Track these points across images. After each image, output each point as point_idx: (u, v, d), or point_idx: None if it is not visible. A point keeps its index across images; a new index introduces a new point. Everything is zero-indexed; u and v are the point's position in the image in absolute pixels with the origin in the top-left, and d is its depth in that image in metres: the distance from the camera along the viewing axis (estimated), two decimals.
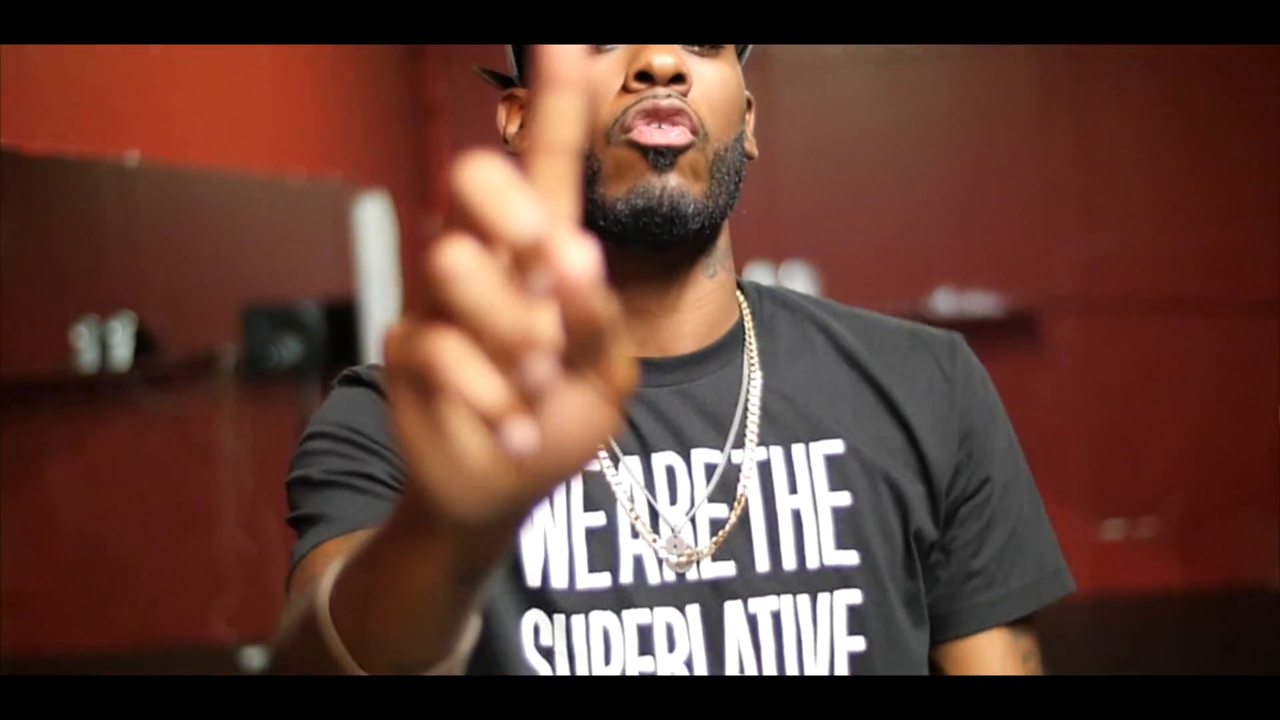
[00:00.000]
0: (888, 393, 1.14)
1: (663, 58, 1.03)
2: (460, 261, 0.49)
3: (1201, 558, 5.44)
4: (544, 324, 0.49)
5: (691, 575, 1.06)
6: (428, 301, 0.50)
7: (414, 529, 0.57)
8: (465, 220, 0.50)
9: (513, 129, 1.16)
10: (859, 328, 1.18)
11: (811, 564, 1.07)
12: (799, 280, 5.06)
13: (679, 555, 1.06)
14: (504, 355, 0.50)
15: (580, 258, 0.49)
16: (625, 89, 1.04)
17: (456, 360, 0.50)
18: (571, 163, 0.53)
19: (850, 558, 1.08)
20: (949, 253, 5.41)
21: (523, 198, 0.50)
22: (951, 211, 5.43)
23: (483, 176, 0.50)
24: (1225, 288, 5.32)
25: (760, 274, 4.89)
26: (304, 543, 1.00)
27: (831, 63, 5.50)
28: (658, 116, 1.02)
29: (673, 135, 1.02)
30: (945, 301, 5.31)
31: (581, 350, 0.51)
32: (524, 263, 0.49)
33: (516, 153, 1.14)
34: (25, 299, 5.56)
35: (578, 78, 0.52)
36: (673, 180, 1.02)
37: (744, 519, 1.08)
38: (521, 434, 0.50)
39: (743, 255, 5.29)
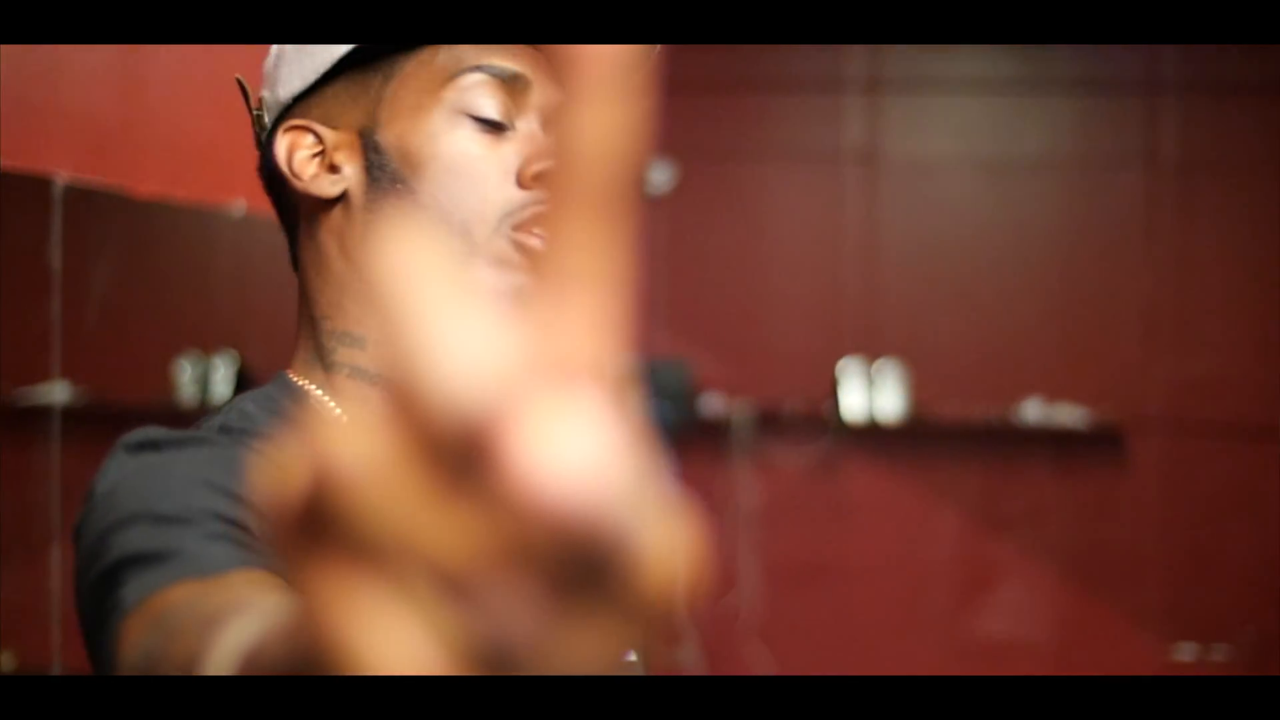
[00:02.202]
0: None
1: None
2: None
3: None
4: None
5: None
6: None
7: None
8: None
9: (305, 161, 1.02)
10: None
11: None
12: (890, 378, 5.07)
13: None
14: None
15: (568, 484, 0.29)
16: (520, 183, 0.96)
17: None
18: (627, 229, 0.32)
19: None
20: (1042, 362, 5.41)
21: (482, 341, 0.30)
22: (1048, 321, 5.43)
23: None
24: None
25: (853, 370, 4.91)
26: (146, 580, 0.78)
27: (938, 164, 5.53)
28: None
29: None
30: (1034, 411, 5.29)
31: (586, 574, 0.30)
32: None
33: (309, 193, 1.02)
34: (132, 331, 5.67)
35: (625, 82, 0.32)
36: None
37: None
38: None
39: (837, 350, 5.22)
